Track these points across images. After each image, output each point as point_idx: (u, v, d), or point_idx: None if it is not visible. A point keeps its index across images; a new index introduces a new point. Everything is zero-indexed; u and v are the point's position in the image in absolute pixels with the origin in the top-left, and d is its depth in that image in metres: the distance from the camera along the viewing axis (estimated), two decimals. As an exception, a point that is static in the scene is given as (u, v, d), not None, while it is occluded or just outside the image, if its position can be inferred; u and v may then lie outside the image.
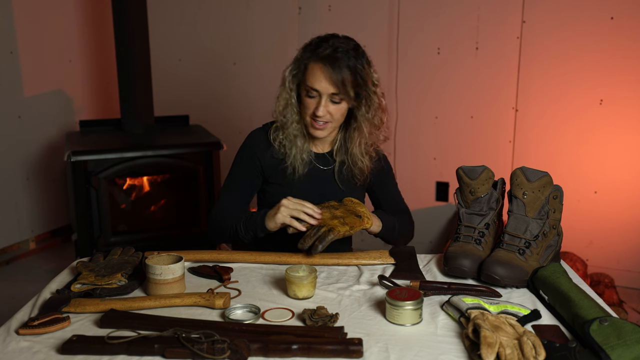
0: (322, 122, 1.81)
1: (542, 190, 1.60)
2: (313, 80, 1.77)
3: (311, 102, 1.80)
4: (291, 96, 1.85)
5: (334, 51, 1.76)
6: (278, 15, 3.94)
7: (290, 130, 1.86)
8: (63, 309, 1.43)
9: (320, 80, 1.76)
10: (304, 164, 1.89)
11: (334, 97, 1.78)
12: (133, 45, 3.52)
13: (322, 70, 1.75)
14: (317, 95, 1.78)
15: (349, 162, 1.92)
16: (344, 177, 1.94)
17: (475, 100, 3.57)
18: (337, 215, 1.73)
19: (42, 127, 3.98)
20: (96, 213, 3.27)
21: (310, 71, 1.78)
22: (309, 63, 1.78)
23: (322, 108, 1.77)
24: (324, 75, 1.75)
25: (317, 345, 1.23)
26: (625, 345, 1.18)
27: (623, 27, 3.18)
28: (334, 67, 1.74)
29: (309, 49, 1.81)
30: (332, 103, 1.79)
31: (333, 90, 1.76)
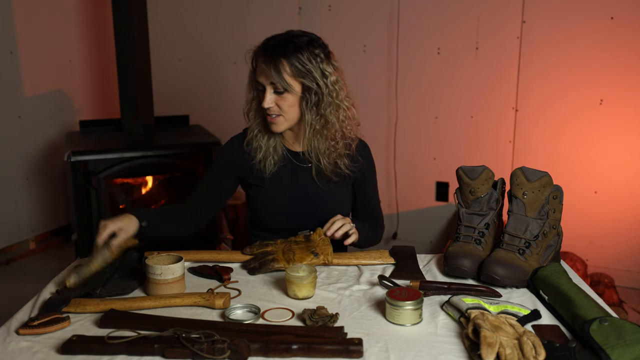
0: (274, 115, 1.81)
1: (542, 190, 1.60)
2: (257, 74, 1.80)
3: (261, 95, 1.81)
4: (253, 97, 1.88)
5: (270, 43, 1.79)
6: (278, 15, 3.94)
7: (254, 128, 1.89)
8: (63, 309, 1.43)
9: (260, 73, 1.78)
10: (275, 162, 1.88)
11: (275, 88, 1.77)
12: (133, 45, 3.52)
13: (262, 63, 1.78)
14: (262, 88, 1.80)
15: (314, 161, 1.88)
16: (321, 174, 1.89)
17: (475, 100, 3.57)
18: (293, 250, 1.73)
19: (42, 127, 3.98)
20: (96, 213, 3.26)
21: (256, 66, 1.81)
22: (256, 60, 1.81)
23: (266, 100, 1.77)
24: (263, 67, 1.77)
25: (317, 345, 1.23)
26: (625, 345, 1.18)
27: (623, 27, 3.18)
28: (269, 58, 1.75)
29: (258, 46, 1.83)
30: (276, 94, 1.78)
31: (271, 79, 1.76)
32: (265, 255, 1.72)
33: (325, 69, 1.78)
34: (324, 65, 1.78)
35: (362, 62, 3.74)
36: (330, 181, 1.91)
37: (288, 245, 1.75)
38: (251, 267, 1.69)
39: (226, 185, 1.96)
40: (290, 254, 1.70)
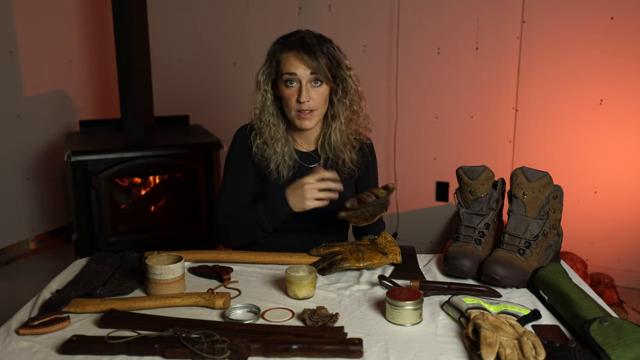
0: (308, 111, 1.79)
1: (542, 190, 1.60)
2: (289, 66, 1.76)
3: (291, 91, 1.78)
4: (266, 98, 1.84)
5: (302, 38, 1.78)
6: (278, 15, 3.94)
7: (269, 134, 1.85)
8: (63, 309, 1.43)
9: (296, 65, 1.76)
10: (289, 167, 1.87)
11: (313, 79, 1.77)
12: (133, 45, 3.52)
13: (297, 55, 1.76)
14: (296, 81, 1.77)
15: (332, 156, 1.90)
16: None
17: (475, 100, 3.57)
18: (361, 250, 1.72)
19: (42, 127, 3.98)
20: (96, 213, 3.27)
21: (285, 60, 1.78)
22: (281, 54, 1.78)
23: (304, 93, 1.76)
24: (300, 59, 1.75)
25: (317, 345, 1.23)
26: (625, 345, 1.18)
27: (623, 27, 3.18)
28: (308, 51, 1.75)
29: (277, 43, 1.82)
30: (312, 87, 1.78)
31: (311, 71, 1.75)
32: (334, 255, 1.70)
33: (347, 62, 1.83)
34: (346, 59, 1.83)
35: (362, 62, 3.74)
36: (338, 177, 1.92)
37: (355, 247, 1.75)
38: (320, 267, 1.67)
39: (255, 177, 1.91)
40: (359, 253, 1.70)
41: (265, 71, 1.83)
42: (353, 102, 1.85)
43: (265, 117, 1.85)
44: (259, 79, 1.84)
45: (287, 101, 1.80)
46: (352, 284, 1.62)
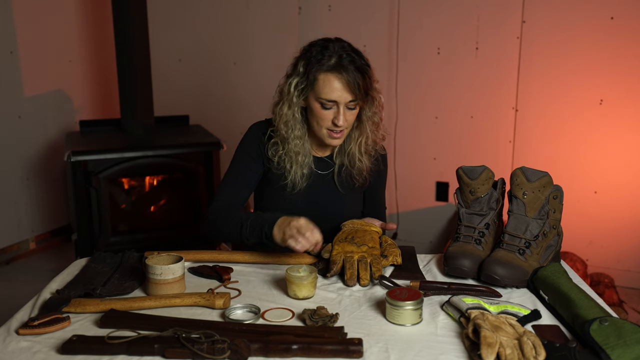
0: (340, 131, 1.78)
1: (542, 190, 1.60)
2: (328, 91, 1.72)
3: (327, 113, 1.75)
4: (295, 111, 1.80)
5: (340, 58, 1.73)
6: (278, 15, 3.94)
7: (292, 147, 1.82)
8: (63, 309, 1.43)
9: (336, 90, 1.72)
10: (304, 178, 1.86)
11: (350, 104, 1.75)
12: (133, 45, 3.52)
13: (336, 80, 1.72)
14: (333, 105, 1.75)
15: (347, 164, 1.90)
16: (343, 179, 1.92)
17: (475, 100, 3.57)
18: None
19: (42, 127, 3.98)
20: (96, 213, 3.27)
21: (322, 83, 1.73)
22: (318, 74, 1.73)
23: (341, 117, 1.74)
24: (340, 85, 1.72)
25: (317, 345, 1.23)
26: (625, 345, 1.18)
27: (623, 27, 3.18)
28: (349, 74, 1.71)
29: (313, 59, 1.74)
30: (348, 110, 1.77)
31: (351, 97, 1.73)
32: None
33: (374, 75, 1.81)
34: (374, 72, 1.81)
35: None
36: (349, 185, 1.92)
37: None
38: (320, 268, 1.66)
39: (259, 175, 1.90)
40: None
41: (298, 84, 1.77)
42: (375, 114, 1.85)
43: (293, 131, 1.81)
44: (290, 90, 1.78)
45: (320, 120, 1.77)
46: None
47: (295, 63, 1.81)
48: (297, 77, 1.78)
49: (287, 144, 1.83)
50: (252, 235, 1.70)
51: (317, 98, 1.75)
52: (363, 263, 1.61)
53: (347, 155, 1.89)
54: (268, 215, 1.70)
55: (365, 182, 1.94)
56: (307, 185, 1.88)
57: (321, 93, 1.74)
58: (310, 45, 1.79)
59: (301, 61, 1.78)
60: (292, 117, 1.80)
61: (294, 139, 1.82)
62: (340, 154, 1.91)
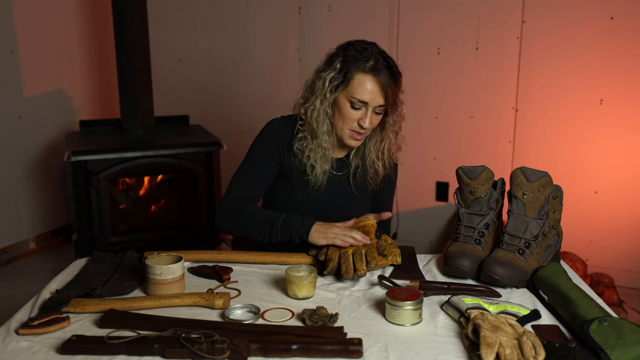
0: (362, 133, 1.80)
1: (542, 190, 1.60)
2: (362, 92, 1.74)
3: (355, 113, 1.77)
4: (326, 106, 1.80)
5: (377, 61, 1.75)
6: (278, 15, 3.94)
7: (321, 142, 1.82)
8: (63, 309, 1.43)
9: (369, 92, 1.74)
10: (325, 174, 1.87)
11: (378, 109, 1.77)
12: (133, 45, 3.52)
13: (373, 82, 1.74)
14: (362, 107, 1.76)
15: (363, 166, 1.91)
16: (357, 181, 1.93)
17: (475, 100, 3.57)
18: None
19: (42, 127, 3.98)
20: (96, 213, 3.27)
21: (358, 82, 1.74)
22: (355, 74, 1.75)
23: (368, 120, 1.76)
24: (376, 87, 1.74)
25: (316, 345, 1.23)
26: (624, 345, 1.18)
27: (623, 27, 3.18)
28: (385, 78, 1.74)
29: (351, 57, 1.76)
30: (375, 114, 1.78)
31: (382, 102, 1.76)
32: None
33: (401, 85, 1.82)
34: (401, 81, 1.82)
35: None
36: (362, 187, 1.93)
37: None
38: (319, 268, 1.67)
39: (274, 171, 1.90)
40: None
41: (333, 79, 1.77)
42: (396, 123, 1.87)
43: (321, 125, 1.81)
44: (325, 85, 1.78)
45: (346, 119, 1.78)
46: (352, 284, 1.61)
47: (330, 59, 1.81)
48: (332, 72, 1.78)
49: (317, 139, 1.83)
50: (284, 236, 1.76)
51: (349, 97, 1.76)
52: (357, 255, 1.62)
53: (364, 157, 1.90)
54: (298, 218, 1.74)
55: (377, 187, 1.95)
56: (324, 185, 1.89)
57: (355, 92, 1.75)
58: (348, 43, 1.81)
59: (338, 58, 1.79)
60: (323, 112, 1.80)
61: (322, 134, 1.82)
62: (356, 156, 1.92)
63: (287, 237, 1.76)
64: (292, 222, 1.74)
